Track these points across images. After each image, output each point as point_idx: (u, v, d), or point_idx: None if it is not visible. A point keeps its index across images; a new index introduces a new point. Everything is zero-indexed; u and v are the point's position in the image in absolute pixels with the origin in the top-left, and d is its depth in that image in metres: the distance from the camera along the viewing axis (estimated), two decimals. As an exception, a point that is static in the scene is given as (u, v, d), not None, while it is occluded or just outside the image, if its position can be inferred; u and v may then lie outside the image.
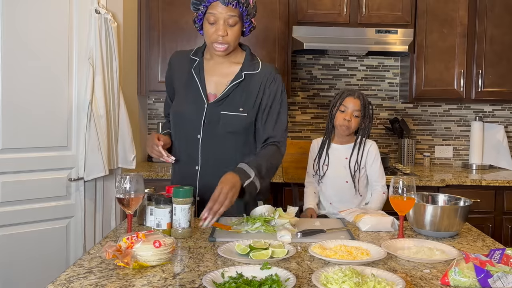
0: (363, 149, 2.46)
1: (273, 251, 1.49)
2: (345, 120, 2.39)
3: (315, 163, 2.51)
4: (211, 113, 2.00)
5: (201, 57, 2.08)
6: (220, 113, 1.99)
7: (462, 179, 3.22)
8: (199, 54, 2.09)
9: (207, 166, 2.02)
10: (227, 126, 1.99)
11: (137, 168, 3.21)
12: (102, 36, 2.85)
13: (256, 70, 2.04)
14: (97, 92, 2.83)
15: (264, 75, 2.04)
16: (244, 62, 2.05)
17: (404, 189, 1.71)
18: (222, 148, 2.01)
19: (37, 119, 2.67)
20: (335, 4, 3.39)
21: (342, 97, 2.43)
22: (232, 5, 1.90)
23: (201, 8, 1.92)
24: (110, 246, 1.42)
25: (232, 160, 1.98)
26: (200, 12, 1.94)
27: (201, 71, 2.05)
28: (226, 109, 1.99)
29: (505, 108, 3.88)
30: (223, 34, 1.92)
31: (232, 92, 2.01)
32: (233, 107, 1.99)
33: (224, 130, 2.00)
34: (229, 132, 2.00)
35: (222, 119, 1.99)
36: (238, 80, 2.01)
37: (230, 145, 2.02)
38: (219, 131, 2.00)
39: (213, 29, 1.93)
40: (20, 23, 2.60)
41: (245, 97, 2.01)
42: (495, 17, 3.46)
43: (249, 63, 2.05)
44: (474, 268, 1.29)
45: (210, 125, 2.00)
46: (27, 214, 2.66)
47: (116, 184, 1.65)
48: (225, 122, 1.99)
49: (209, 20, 1.92)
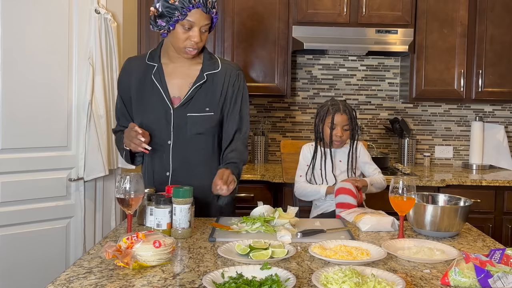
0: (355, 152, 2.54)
1: (273, 251, 1.49)
2: (336, 136, 2.48)
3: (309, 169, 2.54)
4: (178, 116, 2.00)
5: (158, 62, 2.05)
6: (187, 115, 2.00)
7: (462, 179, 3.22)
8: (155, 59, 2.06)
9: (178, 171, 2.03)
10: (196, 127, 2.01)
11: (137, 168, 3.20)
12: (102, 36, 2.85)
13: (216, 69, 2.06)
14: (97, 92, 2.83)
15: (226, 73, 2.06)
16: (204, 62, 2.06)
17: (404, 189, 1.71)
18: (192, 151, 2.02)
19: (37, 119, 2.67)
20: (335, 4, 3.39)
21: (329, 114, 2.49)
22: (211, 13, 1.93)
23: (177, 14, 1.89)
24: (110, 246, 1.42)
25: (201, 162, 2.04)
26: (175, 17, 1.90)
27: (161, 76, 2.03)
28: (192, 110, 2.00)
29: (505, 108, 3.88)
30: (198, 41, 1.94)
31: (196, 93, 2.02)
32: (199, 108, 2.01)
33: (193, 132, 2.01)
34: (198, 133, 2.02)
35: (189, 121, 2.00)
36: (200, 81, 2.02)
37: (199, 147, 2.04)
38: (188, 133, 2.01)
39: (187, 34, 1.93)
40: (20, 23, 2.60)
41: (210, 97, 2.03)
42: (495, 17, 3.46)
43: (208, 62, 2.06)
44: (474, 268, 1.29)
45: (179, 129, 2.00)
46: (27, 214, 2.66)
47: (116, 184, 1.66)
48: (193, 124, 2.00)
49: (185, 26, 1.91)
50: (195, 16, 1.90)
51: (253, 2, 3.41)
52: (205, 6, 1.89)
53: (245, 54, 3.44)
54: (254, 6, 3.42)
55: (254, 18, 3.42)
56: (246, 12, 3.41)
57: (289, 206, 1.95)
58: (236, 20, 3.42)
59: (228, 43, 3.44)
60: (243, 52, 3.44)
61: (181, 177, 2.01)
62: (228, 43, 3.44)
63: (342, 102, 2.53)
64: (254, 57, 3.45)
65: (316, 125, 2.55)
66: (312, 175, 2.53)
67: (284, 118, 3.85)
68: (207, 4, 1.90)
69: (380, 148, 3.86)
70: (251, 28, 3.43)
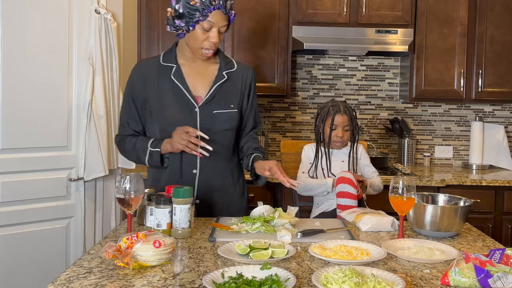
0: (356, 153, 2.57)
1: (273, 251, 1.49)
2: (337, 137, 2.50)
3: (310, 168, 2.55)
4: (204, 114, 2.02)
5: (175, 62, 2.06)
6: (213, 113, 2.03)
7: (462, 179, 3.22)
8: (172, 60, 2.07)
9: (205, 167, 2.05)
10: (223, 124, 2.05)
11: (137, 168, 3.20)
12: (102, 36, 2.85)
13: (233, 68, 2.12)
14: (97, 92, 2.83)
15: (242, 72, 2.14)
16: (221, 62, 2.11)
17: (404, 189, 1.71)
18: (218, 147, 2.03)
19: (37, 119, 2.67)
20: (335, 4, 3.39)
21: (329, 115, 2.51)
22: (229, 15, 1.97)
23: (198, 15, 1.91)
24: (110, 246, 1.42)
25: (225, 158, 2.09)
26: (196, 18, 1.92)
27: (181, 76, 2.05)
28: (218, 108, 2.04)
29: (505, 108, 3.88)
30: (217, 41, 1.97)
31: (218, 92, 2.06)
32: (224, 105, 2.06)
33: (221, 129, 2.05)
34: (225, 129, 2.06)
35: (217, 118, 2.03)
36: (221, 80, 2.07)
37: (225, 143, 2.08)
38: (216, 130, 2.03)
39: (206, 35, 1.96)
40: (20, 23, 2.60)
41: (231, 95, 2.09)
42: (495, 17, 3.46)
43: (225, 62, 2.12)
44: (474, 268, 1.29)
45: (206, 126, 2.02)
46: (27, 214, 2.66)
47: (116, 184, 1.66)
48: (221, 121, 2.04)
49: (204, 27, 1.94)
50: (216, 17, 1.93)
51: (253, 2, 3.41)
52: (225, 8, 1.93)
53: (245, 54, 3.44)
54: (255, 7, 3.42)
55: (254, 18, 3.42)
56: (246, 12, 3.41)
57: (289, 206, 1.95)
58: (236, 20, 3.40)
59: (228, 43, 3.44)
60: (243, 52, 3.44)
61: (208, 175, 2.05)
62: (228, 43, 3.44)
63: (343, 103, 2.55)
64: (254, 57, 3.45)
65: (316, 126, 2.56)
66: (314, 173, 2.54)
67: (284, 118, 3.85)
68: (227, 5, 1.94)
69: (380, 148, 3.86)
70: (251, 28, 3.43)
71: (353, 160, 2.53)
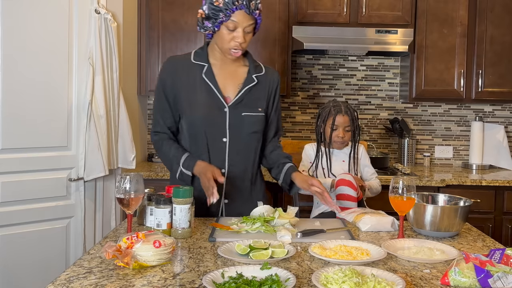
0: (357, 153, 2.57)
1: (273, 251, 1.49)
2: (338, 137, 2.52)
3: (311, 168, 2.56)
4: (233, 115, 2.05)
5: (207, 61, 2.08)
6: (242, 115, 2.05)
7: (462, 179, 3.22)
8: (203, 59, 2.09)
9: (233, 167, 2.07)
10: (252, 127, 2.08)
11: (137, 168, 3.21)
12: (102, 36, 2.85)
13: (261, 72, 2.15)
14: (97, 92, 2.83)
15: (270, 77, 2.17)
16: (250, 65, 2.14)
17: (404, 189, 1.71)
18: (246, 149, 2.09)
19: (37, 119, 2.67)
20: (335, 4, 3.39)
21: (331, 115, 2.52)
22: (254, 14, 1.96)
23: (221, 15, 1.93)
24: (110, 246, 1.42)
25: (252, 160, 2.12)
26: (220, 19, 1.94)
27: (212, 75, 2.07)
28: (246, 110, 2.07)
29: (505, 108, 3.88)
30: (242, 41, 1.97)
31: (247, 95, 2.08)
32: (252, 108, 2.08)
33: (249, 131, 2.08)
34: (253, 132, 2.09)
35: (245, 121, 2.06)
36: (251, 84, 2.09)
37: (253, 145, 2.11)
38: (244, 132, 2.06)
39: (231, 35, 1.97)
40: (20, 23, 2.60)
41: (258, 98, 2.11)
42: (495, 17, 3.46)
43: (253, 65, 2.14)
44: (474, 268, 1.29)
45: (233, 127, 2.05)
46: (27, 214, 2.66)
47: (116, 184, 1.66)
48: (250, 123, 2.07)
49: (229, 27, 1.95)
50: (239, 17, 1.93)
51: (253, 2, 3.41)
52: (248, 8, 1.92)
53: (245, 54, 3.43)
54: (254, 6, 3.41)
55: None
56: (246, 12, 3.41)
57: (289, 206, 1.95)
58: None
59: (228, 43, 3.44)
60: (243, 52, 3.43)
61: (236, 175, 2.08)
62: (228, 43, 3.44)
63: (344, 103, 2.55)
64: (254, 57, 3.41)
65: (318, 126, 2.57)
66: (315, 173, 2.54)
67: (284, 118, 3.85)
68: (250, 5, 1.93)
69: (380, 148, 3.86)
70: (251, 28, 3.43)
71: (354, 161, 2.53)
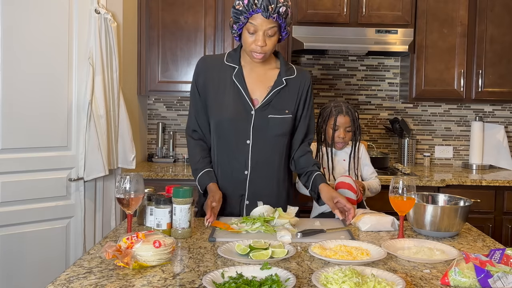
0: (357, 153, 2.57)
1: (273, 251, 1.49)
2: (339, 137, 2.51)
3: None
4: (259, 117, 2.05)
5: (238, 64, 2.10)
6: (268, 117, 2.06)
7: (462, 179, 3.22)
8: (235, 61, 2.10)
9: (256, 170, 2.08)
10: (277, 129, 2.07)
11: (137, 168, 3.21)
12: (102, 36, 2.85)
13: (293, 75, 2.13)
14: (97, 92, 2.83)
15: (301, 79, 2.15)
16: (281, 67, 2.13)
17: (404, 189, 1.71)
18: (270, 151, 2.09)
19: (37, 119, 2.67)
20: (335, 4, 3.39)
21: (331, 116, 2.52)
22: (272, 18, 1.94)
23: (242, 19, 1.94)
24: (110, 246, 1.42)
25: (277, 162, 2.12)
26: (241, 22, 1.96)
27: (242, 77, 2.08)
28: (273, 112, 2.07)
29: (505, 108, 3.88)
30: (262, 45, 1.97)
31: (275, 97, 2.08)
32: (279, 110, 2.08)
33: (274, 133, 2.07)
34: (278, 134, 2.09)
35: (271, 123, 2.06)
36: (280, 86, 2.08)
37: (277, 148, 2.11)
38: (269, 134, 2.07)
39: (252, 38, 1.97)
40: (20, 23, 2.60)
41: (287, 101, 2.10)
42: (495, 17, 3.46)
43: (285, 68, 2.13)
44: (474, 268, 1.29)
45: (258, 129, 2.05)
46: (27, 214, 2.66)
47: (116, 184, 1.66)
48: (275, 125, 2.07)
49: (249, 30, 1.96)
50: (257, 20, 1.93)
51: (253, 2, 3.41)
52: (265, 11, 1.91)
53: (245, 54, 3.43)
54: (254, 6, 3.41)
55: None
56: (246, 12, 3.41)
57: (289, 206, 1.96)
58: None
59: (228, 42, 3.44)
60: (243, 52, 3.44)
61: (258, 177, 2.08)
62: (228, 43, 3.44)
63: (345, 104, 2.54)
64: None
65: (318, 126, 2.57)
66: None
67: (284, 118, 3.84)
68: (269, 9, 1.91)
69: (380, 148, 3.86)
70: (251, 28, 3.43)
71: (354, 160, 2.53)
